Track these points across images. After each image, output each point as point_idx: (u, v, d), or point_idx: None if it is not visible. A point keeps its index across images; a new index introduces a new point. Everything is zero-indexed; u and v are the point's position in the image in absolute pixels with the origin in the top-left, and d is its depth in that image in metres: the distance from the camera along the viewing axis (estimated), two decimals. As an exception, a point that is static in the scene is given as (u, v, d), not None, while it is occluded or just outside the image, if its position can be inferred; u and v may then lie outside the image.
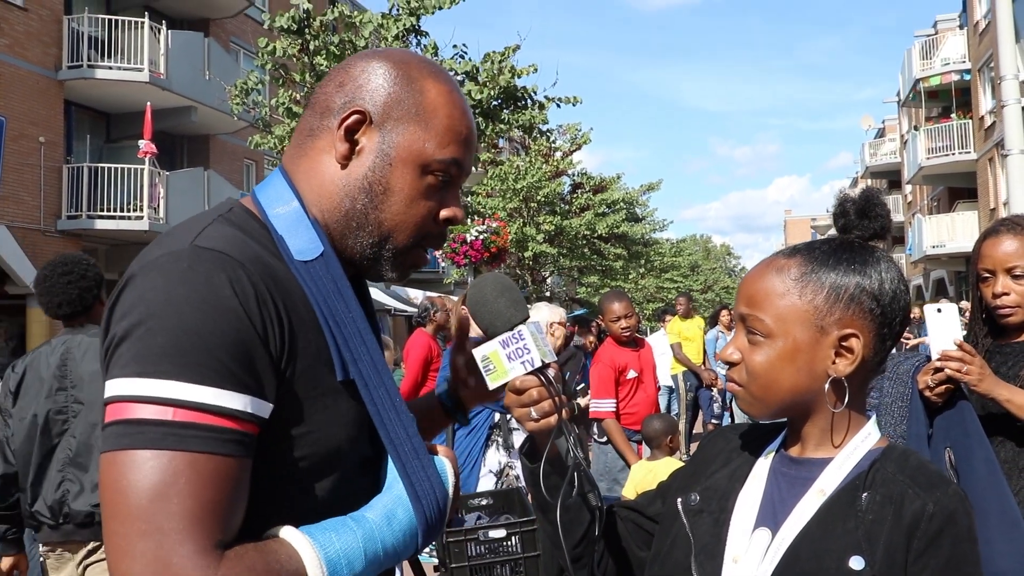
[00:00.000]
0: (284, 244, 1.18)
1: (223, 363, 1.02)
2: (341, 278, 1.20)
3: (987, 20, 25.72)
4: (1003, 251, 2.51)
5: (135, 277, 1.07)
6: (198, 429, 1.00)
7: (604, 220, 23.86)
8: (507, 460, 4.74)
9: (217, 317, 1.02)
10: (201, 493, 0.98)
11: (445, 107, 1.25)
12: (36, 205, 16.98)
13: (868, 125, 48.50)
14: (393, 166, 1.22)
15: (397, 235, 1.25)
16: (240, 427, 1.03)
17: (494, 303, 1.35)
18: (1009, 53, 7.07)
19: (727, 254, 75.70)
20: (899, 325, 1.36)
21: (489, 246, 13.12)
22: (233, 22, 22.62)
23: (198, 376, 1.00)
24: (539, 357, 1.32)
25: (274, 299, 1.09)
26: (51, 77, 17.43)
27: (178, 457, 0.98)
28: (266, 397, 1.06)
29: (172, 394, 0.99)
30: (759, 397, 1.36)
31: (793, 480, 1.37)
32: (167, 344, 1.00)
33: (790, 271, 1.36)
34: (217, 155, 22.02)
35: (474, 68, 11.94)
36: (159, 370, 1.00)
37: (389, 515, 1.17)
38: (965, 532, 1.24)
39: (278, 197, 1.23)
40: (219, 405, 1.01)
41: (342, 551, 1.09)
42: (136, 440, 0.98)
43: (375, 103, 1.23)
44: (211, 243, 1.09)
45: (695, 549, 1.38)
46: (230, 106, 12.90)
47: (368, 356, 1.19)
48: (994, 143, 24.44)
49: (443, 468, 1.26)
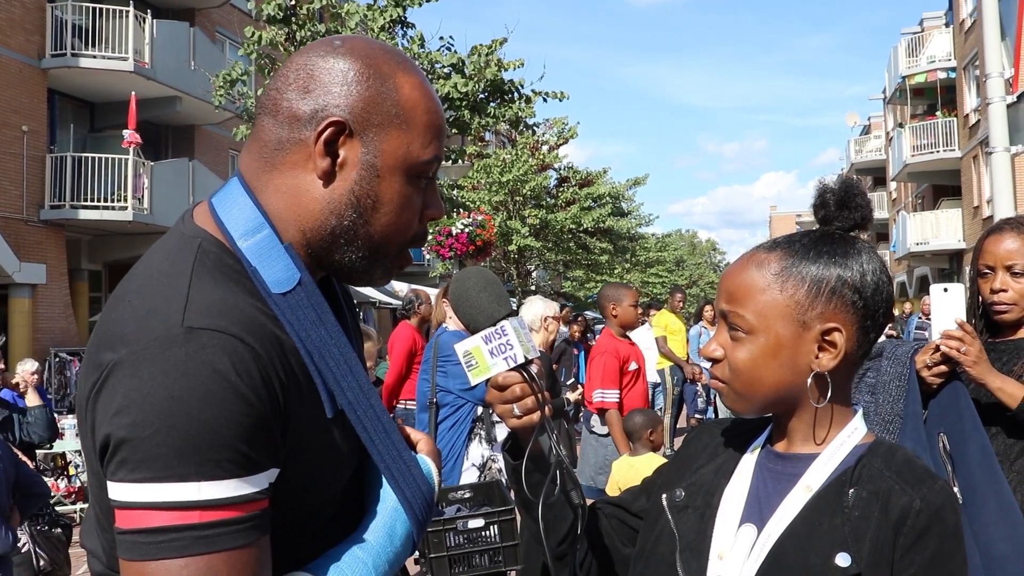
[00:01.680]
0: (259, 277, 1.11)
1: (240, 452, 0.98)
2: (320, 304, 1.13)
3: (973, 18, 25.83)
4: (1005, 248, 2.53)
5: (122, 367, 0.98)
6: (226, 526, 0.97)
7: (590, 214, 23.85)
8: (490, 454, 4.74)
9: (227, 406, 0.97)
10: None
11: (422, 102, 1.18)
12: (19, 195, 16.84)
13: (854, 122, 48.70)
14: (381, 177, 1.15)
15: (388, 245, 1.19)
16: (259, 507, 1.01)
17: (477, 298, 1.32)
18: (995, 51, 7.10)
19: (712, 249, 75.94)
20: (882, 317, 1.35)
21: (474, 239, 13.08)
22: (219, 12, 22.47)
23: (217, 472, 0.96)
24: (522, 353, 1.29)
25: (275, 366, 1.04)
26: (34, 65, 17.27)
27: (214, 559, 0.96)
28: (276, 464, 1.04)
29: (195, 496, 0.95)
30: (743, 394, 1.34)
31: (779, 476, 1.36)
32: (179, 444, 0.95)
33: (770, 265, 1.34)
34: (202, 145, 21.90)
35: (460, 61, 11.91)
36: (176, 473, 0.95)
37: (390, 532, 1.18)
38: (952, 529, 1.23)
39: (246, 222, 1.14)
40: (241, 495, 0.98)
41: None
42: (165, 549, 0.95)
43: (351, 109, 1.13)
44: (203, 320, 1.01)
45: (680, 545, 1.36)
46: (214, 98, 12.82)
47: (354, 381, 1.15)
48: (978, 141, 24.57)
49: (427, 467, 1.26)
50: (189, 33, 19.50)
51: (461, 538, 3.52)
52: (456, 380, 4.72)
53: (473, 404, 4.74)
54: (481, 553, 3.53)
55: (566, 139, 23.85)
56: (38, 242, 17.23)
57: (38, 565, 4.87)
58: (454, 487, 4.19)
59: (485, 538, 3.54)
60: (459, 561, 3.50)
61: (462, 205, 14.89)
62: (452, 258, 13.59)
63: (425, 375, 4.88)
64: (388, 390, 7.26)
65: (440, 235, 13.04)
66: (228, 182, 1.20)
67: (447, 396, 4.76)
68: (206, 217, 1.17)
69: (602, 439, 5.78)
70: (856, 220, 1.38)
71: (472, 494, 4.02)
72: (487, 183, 21.75)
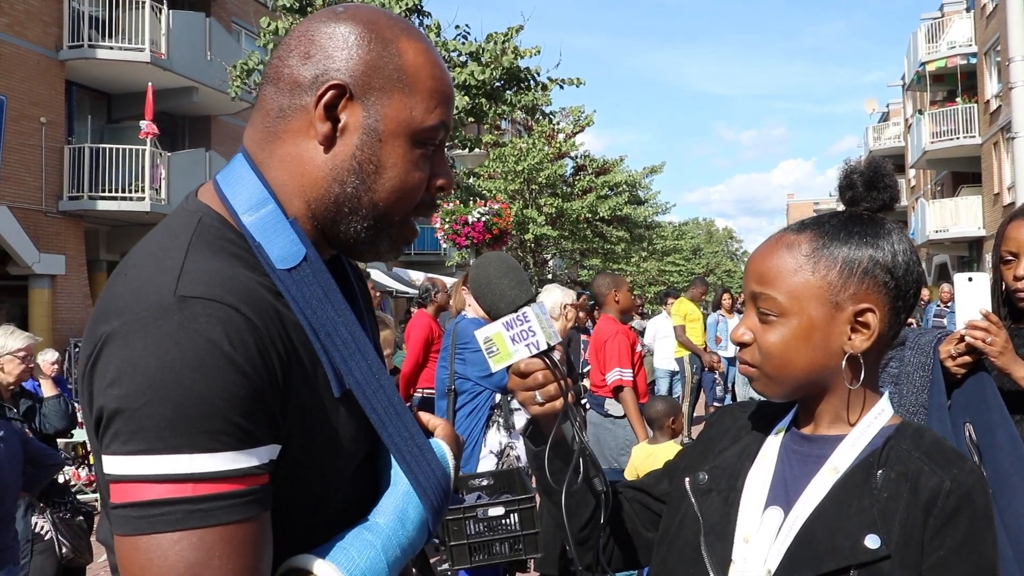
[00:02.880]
0: (263, 252, 1.09)
1: (234, 424, 0.95)
2: (328, 281, 1.11)
3: (994, 3, 25.55)
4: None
5: (115, 337, 0.96)
6: (221, 499, 0.94)
7: (606, 203, 23.79)
8: (508, 440, 4.73)
9: (220, 376, 0.94)
10: (236, 564, 0.94)
11: (426, 67, 1.15)
12: (37, 186, 16.95)
13: (872, 109, 48.32)
14: (383, 141, 1.12)
15: (393, 213, 1.16)
16: (258, 483, 0.98)
17: (497, 284, 1.29)
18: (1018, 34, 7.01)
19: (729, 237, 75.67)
20: (912, 298, 1.34)
21: (491, 228, 13.06)
22: (234, 2, 22.51)
23: (212, 444, 0.93)
24: (544, 340, 1.26)
25: (272, 337, 1.01)
26: (52, 57, 17.35)
27: (208, 533, 0.93)
28: (277, 440, 1.01)
29: (188, 469, 0.92)
30: (774, 377, 1.32)
31: (805, 458, 1.34)
32: (172, 415, 0.92)
33: (801, 247, 1.32)
34: (219, 136, 21.96)
35: (478, 49, 11.88)
36: (169, 445, 0.92)
37: (401, 516, 1.14)
38: (982, 510, 1.22)
39: (249, 197, 1.12)
40: (237, 468, 0.95)
41: (367, 568, 1.07)
42: (158, 523, 0.92)
43: (352, 73, 1.11)
44: (197, 289, 0.98)
45: (704, 529, 1.35)
46: (230, 88, 12.85)
47: (363, 360, 1.12)
48: (999, 127, 24.34)
49: (442, 453, 1.22)
50: (205, 23, 19.54)
51: (481, 526, 3.52)
52: (474, 367, 4.71)
53: (491, 391, 4.74)
54: (501, 541, 3.52)
55: (582, 127, 23.78)
56: (57, 233, 17.34)
57: (60, 552, 4.91)
58: (474, 475, 4.19)
59: (505, 526, 3.54)
60: (479, 549, 3.50)
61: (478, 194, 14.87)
62: (468, 247, 13.58)
63: (444, 363, 4.88)
64: (405, 379, 7.28)
65: (456, 224, 13.04)
66: (233, 159, 1.18)
67: (465, 383, 4.76)
68: (210, 194, 1.15)
69: (618, 421, 5.80)
70: (884, 200, 1.38)
71: (492, 482, 4.02)
72: (503, 172, 21.73)
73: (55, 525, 4.95)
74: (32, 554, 4.76)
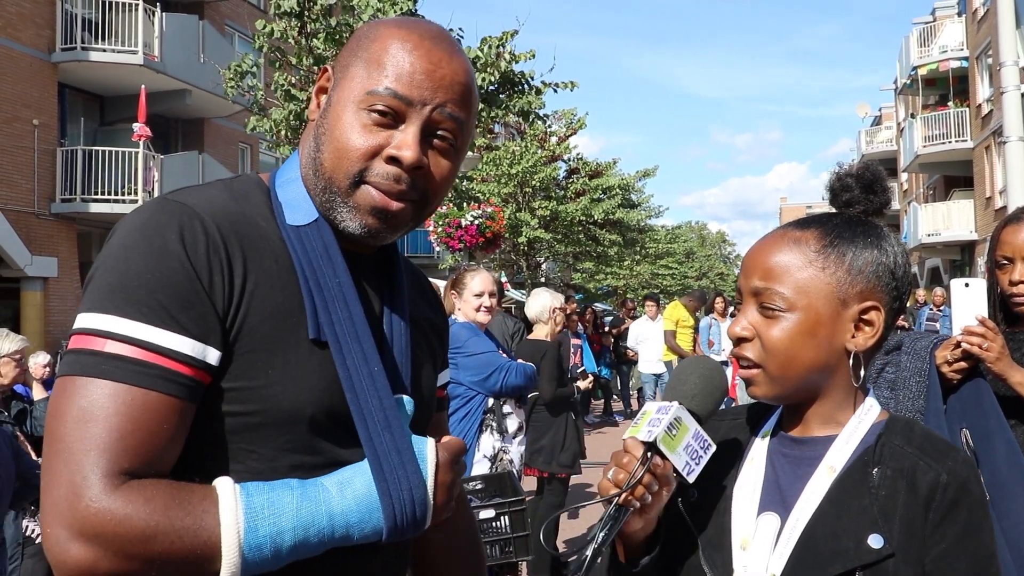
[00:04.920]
0: (280, 210, 1.22)
1: (161, 304, 1.06)
2: (332, 244, 1.21)
3: (986, 7, 25.65)
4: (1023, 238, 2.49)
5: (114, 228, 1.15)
6: (126, 362, 1.03)
7: (599, 206, 23.80)
8: (501, 444, 4.73)
9: (161, 262, 1.07)
10: (119, 424, 1.02)
11: (392, 46, 1.20)
12: (30, 188, 16.90)
13: (865, 113, 48.41)
14: (332, 106, 1.22)
15: (336, 174, 1.19)
16: (174, 367, 1.05)
17: (689, 377, 1.34)
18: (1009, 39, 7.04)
19: (722, 241, 75.69)
20: (905, 298, 1.37)
21: (484, 231, 13.07)
22: (228, 5, 22.49)
23: (135, 314, 1.05)
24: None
25: (228, 250, 1.12)
26: (45, 59, 17.32)
27: (103, 386, 1.03)
28: (208, 343, 1.08)
29: (108, 327, 1.04)
30: (777, 375, 1.31)
31: (798, 461, 1.33)
32: (113, 283, 1.06)
33: (809, 243, 1.32)
34: (212, 138, 21.93)
35: (476, 56, 11.88)
36: (102, 306, 1.05)
37: (343, 482, 1.12)
38: (979, 499, 1.24)
39: (286, 170, 1.28)
40: (151, 342, 1.04)
41: (268, 502, 1.05)
42: (73, 367, 1.04)
43: (339, 59, 1.27)
44: (180, 196, 1.15)
45: (701, 543, 1.34)
46: (224, 89, 12.83)
47: (349, 321, 1.18)
48: (991, 131, 24.42)
49: (422, 449, 1.18)
50: (198, 26, 19.52)
51: (473, 529, 3.52)
52: (467, 372, 4.70)
53: (484, 396, 4.73)
54: (492, 544, 3.52)
55: (575, 130, 23.79)
56: (49, 235, 17.30)
57: (51, 556, 4.89)
58: (466, 479, 4.19)
59: (496, 529, 3.55)
60: (471, 552, 3.50)
61: (472, 197, 14.85)
62: (462, 250, 13.59)
63: (436, 367, 4.87)
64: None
65: (449, 227, 13.04)
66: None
67: (458, 388, 4.75)
68: (266, 173, 1.32)
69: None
70: (880, 204, 1.38)
71: (484, 485, 4.02)
72: (496, 175, 21.73)
73: (46, 529, 4.93)
74: (23, 558, 4.74)
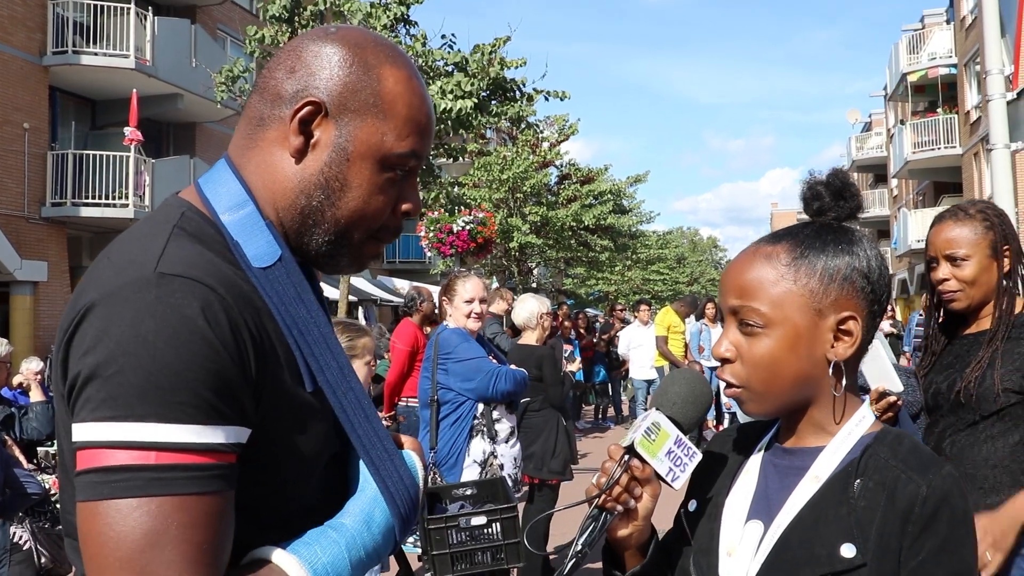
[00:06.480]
0: (240, 250, 1.12)
1: (202, 398, 0.97)
2: (301, 282, 1.15)
3: (974, 15, 25.79)
4: (943, 237, 2.54)
5: (95, 307, 0.99)
6: (183, 470, 0.95)
7: (591, 211, 23.81)
8: (491, 449, 4.73)
9: (192, 350, 0.97)
10: (194, 536, 0.95)
11: (404, 96, 1.19)
12: (20, 192, 16.85)
13: (855, 119, 48.62)
14: (351, 161, 1.16)
15: (353, 231, 1.20)
16: (223, 460, 0.99)
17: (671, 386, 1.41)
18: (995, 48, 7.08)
19: (714, 246, 75.89)
20: (885, 301, 1.37)
21: (475, 237, 13.06)
22: (220, 9, 22.46)
23: (178, 415, 0.95)
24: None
25: (246, 321, 1.04)
26: (35, 63, 17.27)
27: (166, 502, 0.94)
28: (245, 423, 1.03)
29: (152, 437, 0.94)
30: (762, 391, 1.33)
31: (787, 471, 1.35)
32: (142, 383, 0.95)
33: (780, 257, 1.33)
34: (203, 143, 21.89)
35: (463, 60, 11.90)
36: (136, 413, 0.94)
37: (367, 519, 1.16)
38: (961, 514, 1.22)
39: (230, 198, 1.16)
40: (202, 443, 0.97)
41: (329, 564, 1.08)
42: (118, 489, 0.94)
43: (330, 92, 1.16)
44: (176, 268, 1.02)
45: (693, 550, 1.38)
46: (216, 94, 12.83)
47: (334, 361, 1.16)
48: (979, 138, 24.54)
49: (412, 462, 1.25)
50: (190, 30, 19.49)
51: (463, 535, 3.51)
52: (456, 377, 4.71)
53: (474, 401, 4.74)
54: (483, 550, 3.52)
55: (566, 136, 23.81)
56: (39, 239, 17.23)
57: (39, 563, 4.88)
58: (457, 484, 4.19)
59: (487, 535, 3.54)
60: (461, 558, 3.50)
61: (463, 203, 14.86)
62: (453, 255, 13.59)
63: (426, 372, 4.88)
64: (390, 387, 7.27)
65: (441, 232, 13.04)
66: (215, 164, 1.23)
67: (448, 393, 4.75)
68: (192, 194, 1.20)
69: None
70: (851, 209, 1.39)
71: (475, 491, 4.02)
72: (488, 180, 21.72)
73: (34, 535, 4.93)
74: (10, 564, 4.73)
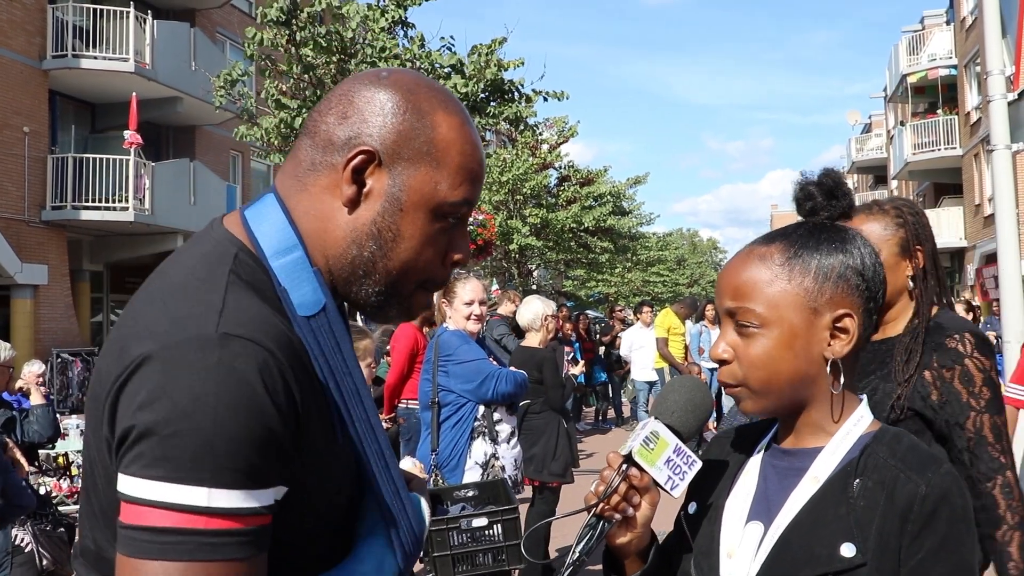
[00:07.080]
0: (287, 297, 1.11)
1: (252, 463, 0.97)
2: (341, 332, 1.15)
3: (974, 16, 25.82)
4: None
5: (152, 361, 0.98)
6: (229, 535, 0.96)
7: (591, 213, 23.82)
8: (492, 451, 4.73)
9: (250, 416, 0.97)
10: None
11: (457, 143, 1.17)
12: (20, 195, 16.86)
13: (855, 120, 48.66)
14: (404, 211, 1.15)
15: (404, 282, 1.19)
16: (262, 522, 1.00)
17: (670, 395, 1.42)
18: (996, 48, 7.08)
19: (713, 248, 75.94)
20: (880, 298, 1.37)
21: (475, 239, 13.04)
22: (219, 12, 22.49)
23: (228, 480, 0.96)
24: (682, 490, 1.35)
25: (297, 379, 1.04)
26: (35, 67, 17.29)
27: (212, 567, 0.95)
28: (285, 482, 1.03)
29: (204, 502, 0.95)
30: (760, 391, 1.33)
31: (786, 472, 1.35)
32: (197, 448, 0.95)
33: (774, 257, 1.34)
34: (203, 146, 21.91)
35: (459, 62, 11.91)
36: (189, 476, 0.95)
37: (379, 565, 1.16)
38: (960, 511, 1.23)
39: (279, 242, 1.15)
40: (248, 507, 0.97)
41: None
42: (167, 551, 0.94)
43: (383, 141, 1.14)
44: (239, 329, 1.01)
45: (694, 553, 1.38)
46: (215, 98, 12.84)
47: (363, 412, 1.15)
48: (980, 139, 24.56)
49: (419, 504, 1.26)
50: (190, 34, 19.52)
51: (465, 537, 3.52)
52: (457, 380, 4.71)
53: (475, 403, 4.74)
54: (484, 552, 3.53)
55: (566, 138, 23.82)
56: (40, 243, 17.25)
57: (41, 565, 4.88)
58: (458, 486, 4.20)
59: (488, 537, 3.55)
60: (462, 560, 3.51)
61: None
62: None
63: (427, 375, 4.88)
64: (390, 390, 7.26)
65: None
66: (263, 196, 1.20)
67: (449, 395, 4.75)
68: (239, 228, 1.17)
69: None
70: (843, 208, 1.39)
71: (477, 493, 4.03)
72: (487, 182, 21.74)
73: (36, 537, 4.93)
74: (12, 566, 4.73)
